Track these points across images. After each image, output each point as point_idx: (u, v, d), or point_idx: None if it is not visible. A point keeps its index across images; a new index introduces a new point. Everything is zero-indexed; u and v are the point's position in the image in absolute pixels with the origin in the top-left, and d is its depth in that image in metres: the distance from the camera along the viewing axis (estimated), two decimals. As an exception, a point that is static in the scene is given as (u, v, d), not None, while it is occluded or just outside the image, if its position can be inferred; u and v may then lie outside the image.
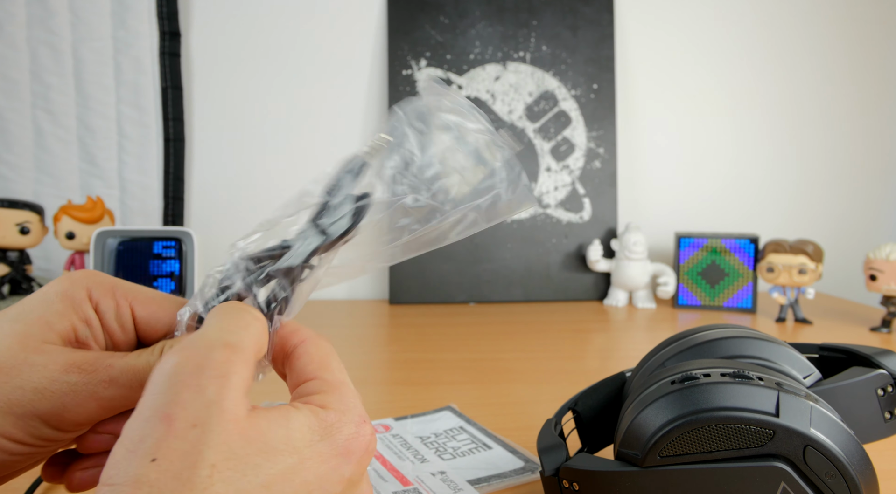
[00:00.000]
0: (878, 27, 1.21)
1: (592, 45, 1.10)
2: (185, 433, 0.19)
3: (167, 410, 0.19)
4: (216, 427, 0.19)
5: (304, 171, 1.11)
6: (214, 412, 0.19)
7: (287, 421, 0.21)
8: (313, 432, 0.22)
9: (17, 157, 0.98)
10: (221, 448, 0.19)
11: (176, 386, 0.19)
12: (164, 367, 0.20)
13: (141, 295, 0.27)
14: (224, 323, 0.23)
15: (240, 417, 0.20)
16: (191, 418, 0.19)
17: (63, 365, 0.24)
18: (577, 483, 0.32)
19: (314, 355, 0.26)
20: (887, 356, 0.33)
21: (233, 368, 0.21)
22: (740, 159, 1.20)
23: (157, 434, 0.19)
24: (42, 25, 0.97)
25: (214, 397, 0.19)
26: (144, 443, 0.18)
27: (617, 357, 0.77)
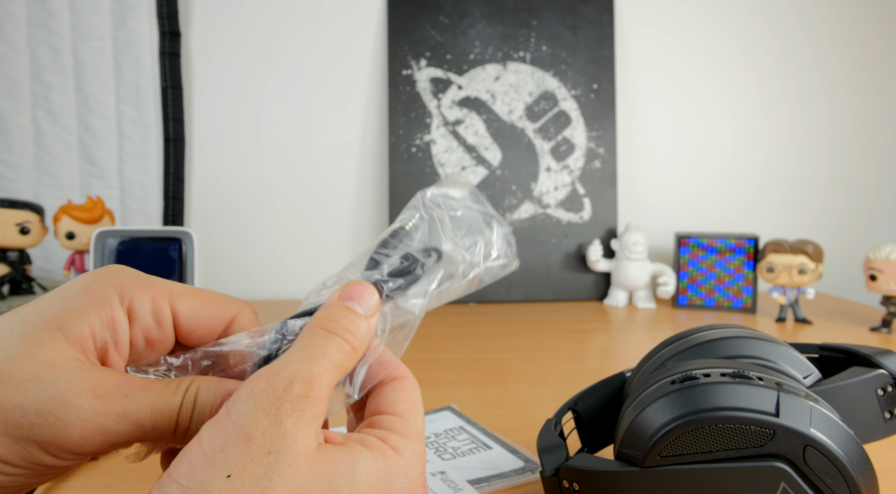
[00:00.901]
0: (878, 27, 1.21)
1: (592, 45, 1.10)
2: (260, 457, 0.19)
3: (247, 431, 0.20)
4: (288, 458, 0.20)
5: (303, 171, 1.11)
6: (289, 443, 0.20)
7: (354, 462, 0.21)
8: (378, 477, 0.22)
9: (17, 157, 0.98)
10: (290, 480, 0.20)
11: (258, 411, 0.20)
12: (251, 387, 0.21)
13: (179, 289, 0.26)
14: (307, 350, 0.23)
15: (310, 452, 0.20)
16: (267, 445, 0.20)
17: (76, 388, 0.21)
18: (577, 483, 0.32)
19: (409, 395, 0.26)
20: (887, 356, 0.33)
21: (308, 405, 0.21)
22: (740, 159, 1.20)
23: (237, 452, 0.19)
24: (42, 25, 0.97)
25: (290, 429, 0.20)
26: (223, 456, 0.19)
27: (617, 357, 0.76)
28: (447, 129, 1.07)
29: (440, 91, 1.07)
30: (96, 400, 0.22)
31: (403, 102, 1.06)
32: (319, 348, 0.23)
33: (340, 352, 0.23)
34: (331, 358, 0.23)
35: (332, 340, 0.23)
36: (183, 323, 0.26)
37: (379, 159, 1.12)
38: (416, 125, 1.06)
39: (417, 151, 1.06)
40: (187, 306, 0.26)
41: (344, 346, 0.24)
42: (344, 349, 0.23)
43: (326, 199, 1.12)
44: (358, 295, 0.25)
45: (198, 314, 0.26)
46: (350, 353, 0.24)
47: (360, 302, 0.25)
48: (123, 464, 0.45)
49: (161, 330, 0.25)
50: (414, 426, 0.24)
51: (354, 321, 0.24)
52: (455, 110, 1.07)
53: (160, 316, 0.25)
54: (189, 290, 0.26)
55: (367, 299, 0.25)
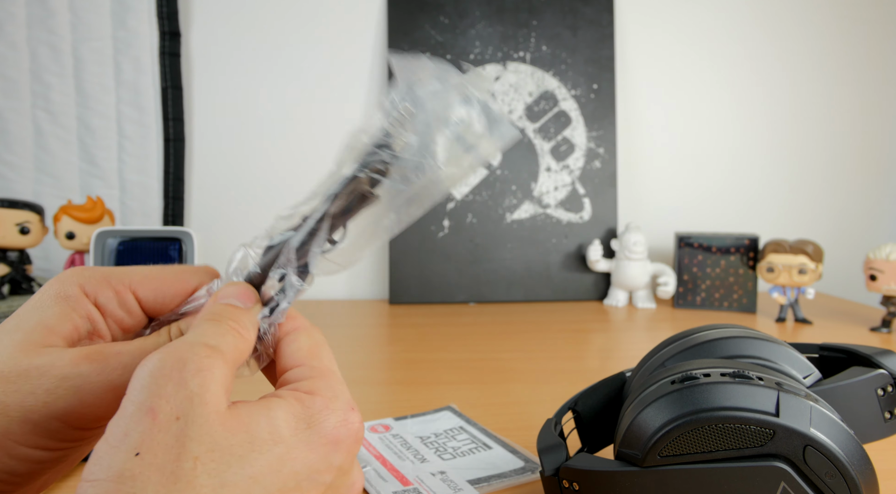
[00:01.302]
0: (877, 27, 1.21)
1: (592, 45, 1.10)
2: (168, 425, 0.19)
3: (151, 403, 0.19)
4: (199, 418, 0.19)
5: (303, 171, 1.11)
6: (197, 403, 0.19)
7: (269, 411, 0.21)
8: (299, 420, 0.21)
9: (17, 157, 0.98)
10: (204, 440, 0.19)
11: (158, 380, 0.19)
12: (147, 364, 0.20)
13: (138, 277, 0.27)
14: (203, 329, 0.23)
15: (222, 409, 0.20)
16: (174, 410, 0.19)
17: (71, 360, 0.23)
18: (577, 483, 0.32)
19: (304, 342, 0.25)
20: (887, 356, 0.33)
21: (214, 363, 0.21)
22: (740, 159, 1.20)
23: (142, 428, 0.18)
24: (42, 25, 0.97)
25: (197, 389, 0.19)
26: (128, 438, 0.18)
27: (617, 357, 0.76)
28: (447, 129, 1.07)
29: (440, 91, 1.07)
30: (94, 363, 0.23)
31: (403, 102, 1.06)
32: (212, 329, 0.23)
33: (230, 335, 0.23)
34: (224, 336, 0.23)
35: (221, 324, 0.23)
36: (149, 304, 0.27)
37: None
38: (416, 125, 1.06)
39: (417, 151, 1.06)
40: (149, 292, 0.27)
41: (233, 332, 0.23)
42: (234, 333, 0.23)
43: (326, 199, 1.11)
44: (232, 294, 0.25)
45: (161, 296, 0.27)
46: (240, 339, 0.23)
47: (237, 297, 0.25)
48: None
49: (132, 317, 0.26)
50: (318, 367, 0.24)
51: (236, 312, 0.24)
52: (455, 110, 1.07)
53: (127, 306, 0.26)
54: (148, 275, 0.27)
55: (240, 293, 0.25)
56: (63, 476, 0.42)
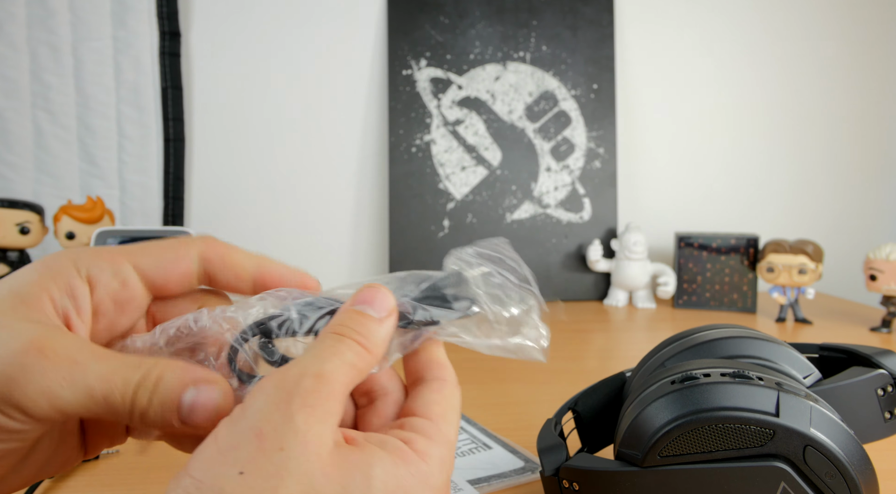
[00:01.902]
0: (878, 27, 1.21)
1: (592, 45, 1.10)
2: (272, 454, 0.19)
3: (259, 427, 0.20)
4: (300, 456, 0.19)
5: (303, 171, 1.11)
6: (300, 440, 0.20)
7: (369, 467, 0.21)
8: (397, 484, 0.21)
9: (17, 157, 0.98)
10: (302, 480, 0.19)
11: (268, 408, 0.20)
12: (262, 385, 0.21)
13: (136, 248, 0.25)
14: (317, 350, 0.22)
15: (323, 452, 0.20)
16: (279, 441, 0.19)
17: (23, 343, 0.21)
18: (577, 483, 0.32)
19: (445, 399, 0.25)
20: (887, 356, 0.33)
21: (319, 400, 0.21)
22: (740, 159, 1.20)
23: (249, 448, 0.19)
24: (42, 25, 0.97)
25: (301, 425, 0.20)
26: (235, 452, 0.19)
27: (617, 357, 0.76)
28: (447, 129, 1.07)
29: (440, 91, 1.07)
30: (42, 360, 0.21)
31: (403, 102, 1.06)
32: (329, 348, 0.22)
33: (352, 352, 0.23)
34: (342, 357, 0.22)
35: (342, 341, 0.23)
36: (150, 275, 0.25)
37: (379, 159, 1.12)
38: (416, 125, 1.06)
39: (417, 151, 1.06)
40: (149, 259, 0.25)
41: (355, 346, 0.23)
42: (355, 349, 0.23)
43: (326, 199, 1.12)
44: (370, 299, 0.25)
45: (163, 262, 0.25)
46: (362, 353, 0.23)
47: (373, 305, 0.24)
48: (123, 464, 0.45)
49: (128, 290, 0.25)
50: (445, 432, 0.24)
51: (366, 323, 0.24)
52: (455, 110, 1.07)
53: (123, 276, 0.25)
54: (145, 245, 0.26)
55: (379, 302, 0.25)
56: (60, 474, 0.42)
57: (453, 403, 0.25)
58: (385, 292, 0.25)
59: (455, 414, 0.25)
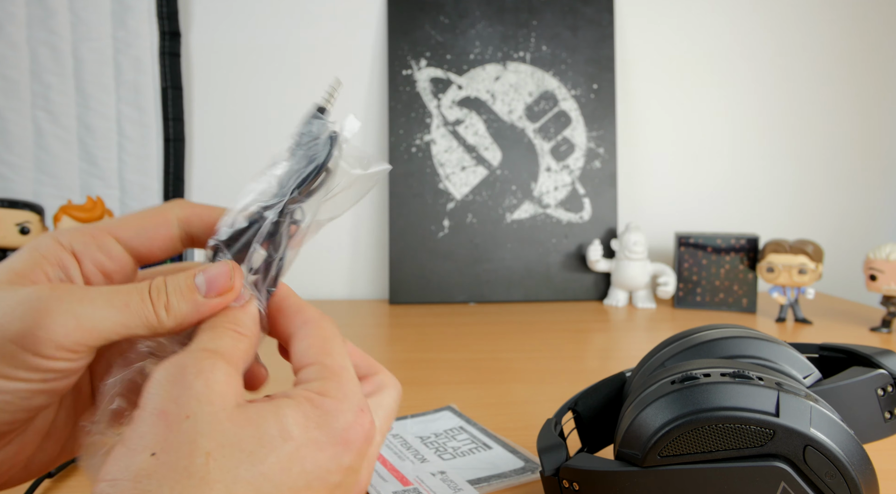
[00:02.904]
0: (878, 27, 1.21)
1: (592, 45, 1.10)
2: (179, 425, 0.19)
3: (162, 406, 0.20)
4: (207, 415, 0.20)
5: (304, 171, 1.11)
6: (204, 402, 0.20)
7: (278, 409, 0.21)
8: (308, 420, 0.22)
9: (17, 157, 0.98)
10: (214, 436, 0.19)
11: (165, 385, 0.20)
12: (155, 375, 0.21)
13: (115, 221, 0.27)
14: (200, 337, 0.23)
15: (229, 407, 0.20)
16: (183, 410, 0.20)
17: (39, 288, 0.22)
18: (577, 483, 0.32)
19: (316, 338, 0.25)
20: (887, 356, 0.33)
21: (214, 364, 0.21)
22: (740, 159, 1.20)
23: (156, 431, 0.19)
24: (42, 25, 0.97)
25: (202, 389, 0.20)
26: (144, 440, 0.19)
27: (617, 357, 0.77)
28: (447, 129, 1.07)
29: (440, 91, 1.07)
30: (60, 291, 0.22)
31: (403, 102, 1.06)
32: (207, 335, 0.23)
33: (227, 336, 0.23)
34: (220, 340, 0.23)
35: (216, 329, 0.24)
36: (134, 245, 0.26)
37: (379, 159, 1.11)
38: (416, 125, 1.06)
39: (417, 151, 1.06)
40: (129, 230, 0.26)
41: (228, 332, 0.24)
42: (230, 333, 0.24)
43: (326, 199, 1.12)
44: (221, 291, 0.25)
45: (142, 231, 0.26)
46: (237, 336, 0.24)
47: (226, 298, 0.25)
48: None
49: (114, 260, 0.26)
50: (331, 365, 0.24)
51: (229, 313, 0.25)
52: (455, 110, 1.07)
53: (106, 248, 0.26)
54: (124, 218, 0.27)
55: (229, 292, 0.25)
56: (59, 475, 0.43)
57: (325, 335, 0.25)
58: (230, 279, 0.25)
59: (332, 343, 0.25)
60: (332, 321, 0.26)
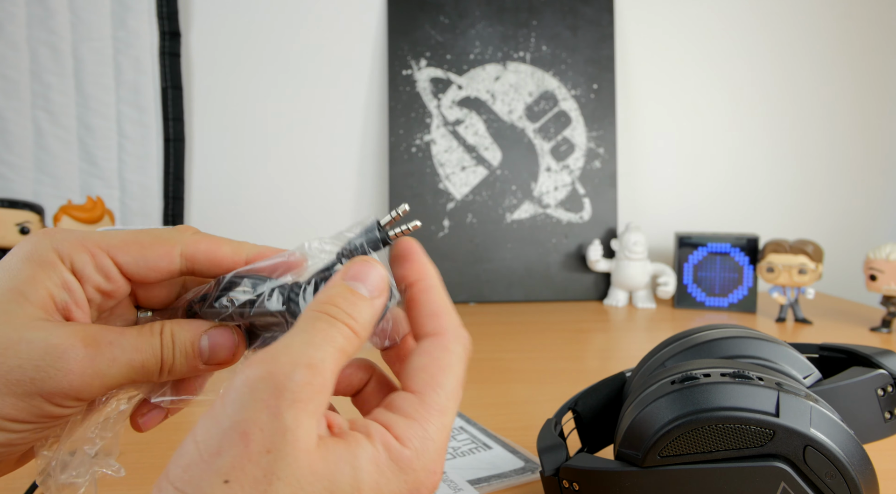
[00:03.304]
0: (877, 27, 1.21)
1: (592, 45, 1.10)
2: (259, 457, 0.18)
3: (245, 428, 0.19)
4: (289, 457, 0.19)
5: (303, 171, 1.11)
6: (289, 440, 0.19)
7: (355, 460, 0.20)
8: (381, 474, 0.21)
9: (17, 157, 0.98)
10: (291, 481, 0.19)
11: (255, 404, 0.19)
12: (247, 376, 0.20)
13: (116, 241, 0.25)
14: (307, 335, 0.21)
15: (311, 448, 0.19)
16: (266, 443, 0.19)
17: (65, 339, 0.22)
18: (577, 483, 0.32)
19: (435, 363, 0.23)
20: (887, 356, 0.33)
21: (311, 394, 0.20)
22: (740, 159, 1.20)
23: (234, 453, 0.18)
24: (42, 25, 0.97)
25: (290, 423, 0.19)
26: (220, 458, 0.18)
27: (617, 357, 0.76)
28: (447, 129, 1.07)
29: (440, 91, 1.07)
30: (89, 348, 0.23)
31: (403, 102, 1.06)
32: (321, 332, 0.21)
33: (343, 336, 0.22)
34: (333, 343, 0.21)
35: (334, 325, 0.22)
36: (130, 272, 0.25)
37: (379, 159, 1.12)
38: (416, 125, 1.06)
39: (417, 151, 1.06)
40: (128, 257, 0.25)
41: (345, 330, 0.22)
42: (346, 333, 0.22)
43: (327, 199, 1.12)
44: (363, 275, 0.23)
45: (142, 260, 0.25)
46: (353, 339, 0.22)
47: (365, 282, 0.23)
48: (123, 464, 0.44)
49: (111, 282, 0.25)
50: (430, 404, 0.22)
51: (357, 304, 0.23)
52: (455, 110, 1.07)
53: (105, 270, 0.25)
54: (125, 240, 0.25)
55: (372, 279, 0.23)
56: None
57: (444, 362, 0.23)
58: (379, 268, 0.24)
59: (446, 375, 0.23)
60: (463, 343, 0.24)
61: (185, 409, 0.29)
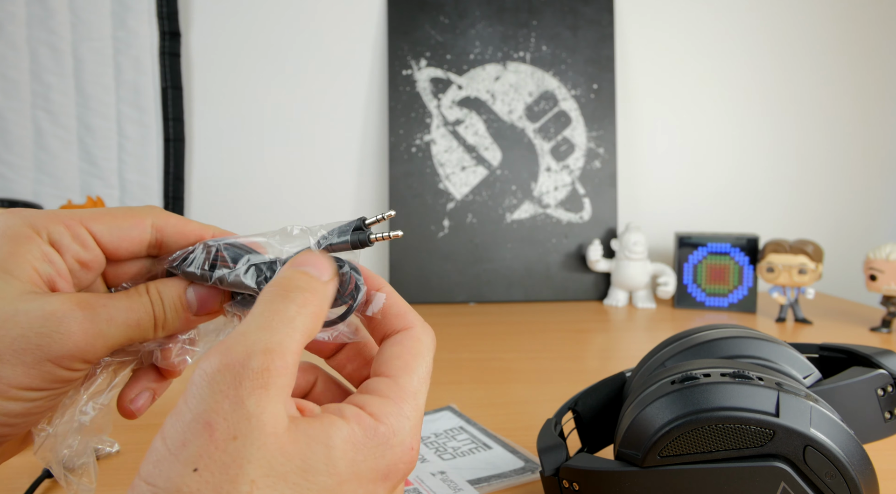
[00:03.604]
0: (877, 27, 1.21)
1: (592, 45, 1.10)
2: (225, 445, 0.19)
3: (208, 418, 0.19)
4: (256, 441, 0.19)
5: (303, 171, 1.11)
6: (254, 425, 0.19)
7: (328, 437, 0.20)
8: (356, 451, 0.21)
9: (17, 157, 0.98)
10: (261, 464, 0.19)
11: (216, 395, 0.19)
12: (204, 370, 0.20)
13: (88, 214, 0.26)
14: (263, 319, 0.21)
15: (280, 431, 0.19)
16: (231, 430, 0.19)
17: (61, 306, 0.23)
18: (577, 483, 0.32)
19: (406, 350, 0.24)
20: (887, 356, 0.33)
21: (272, 378, 0.20)
22: (740, 159, 1.20)
23: (199, 442, 0.19)
24: (42, 25, 0.97)
25: (254, 409, 0.19)
26: (186, 449, 0.19)
27: (617, 357, 0.77)
28: (447, 129, 1.07)
29: (440, 91, 1.07)
30: (85, 311, 0.24)
31: (403, 102, 1.06)
32: (277, 313, 0.21)
33: (301, 316, 0.22)
34: (291, 322, 0.21)
35: (292, 303, 0.22)
36: (104, 241, 0.26)
37: (379, 159, 1.12)
38: (416, 125, 1.06)
39: (417, 151, 1.06)
40: (102, 226, 0.26)
41: (305, 309, 0.22)
42: (305, 311, 0.22)
43: (327, 199, 1.12)
44: (311, 262, 0.24)
45: (116, 229, 0.26)
46: (314, 315, 0.22)
47: (315, 267, 0.24)
48: (123, 464, 0.45)
49: (88, 251, 0.26)
50: (404, 385, 0.23)
51: (312, 283, 0.23)
52: (455, 110, 1.07)
53: (82, 239, 0.25)
54: (98, 212, 0.26)
55: (321, 264, 0.24)
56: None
57: (416, 350, 0.24)
58: (326, 257, 0.25)
59: (419, 362, 0.24)
60: (431, 335, 0.25)
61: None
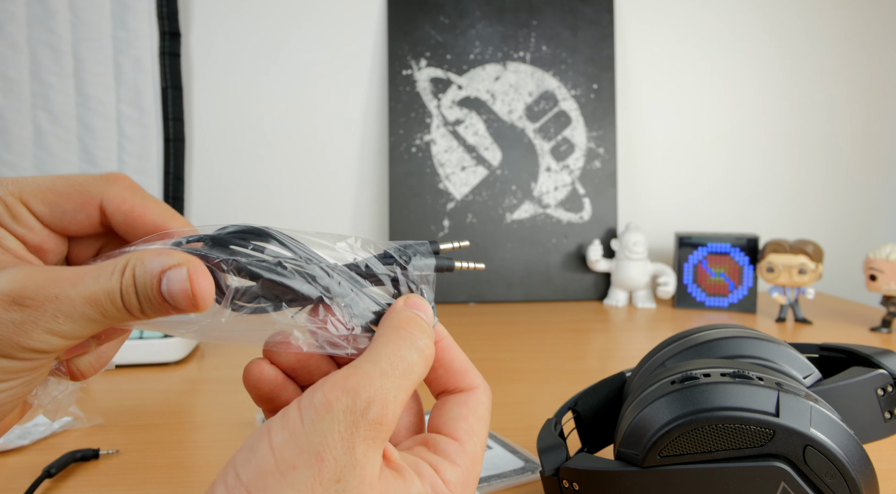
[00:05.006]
0: (878, 27, 1.21)
1: (592, 45, 1.10)
2: (329, 484, 0.20)
3: (320, 452, 0.20)
4: (355, 489, 0.20)
5: (303, 171, 1.11)
6: (358, 473, 0.20)
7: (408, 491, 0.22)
8: None
9: (17, 157, 0.98)
10: None
11: (333, 434, 0.20)
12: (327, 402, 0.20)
13: (30, 187, 0.23)
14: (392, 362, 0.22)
15: (374, 481, 0.21)
16: (338, 472, 0.20)
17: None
18: (577, 483, 0.32)
19: (472, 413, 0.25)
20: (887, 356, 0.33)
21: (382, 432, 0.21)
22: (740, 159, 1.20)
23: (308, 474, 0.19)
24: (42, 25, 0.97)
25: (360, 458, 0.20)
26: (295, 474, 0.19)
27: (617, 357, 0.76)
28: (447, 129, 1.07)
29: (440, 91, 1.07)
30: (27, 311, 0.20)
31: (403, 102, 1.06)
32: (403, 360, 0.23)
33: (419, 365, 0.23)
34: (411, 373, 0.23)
35: (417, 350, 0.23)
36: (50, 223, 0.23)
37: (379, 159, 1.12)
38: (416, 125, 1.06)
39: (417, 151, 1.06)
40: (43, 207, 0.23)
41: (423, 362, 0.23)
42: (423, 361, 0.23)
43: (327, 199, 1.12)
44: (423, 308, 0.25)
45: (58, 211, 0.23)
46: (423, 372, 0.24)
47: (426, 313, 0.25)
48: (123, 464, 0.45)
49: (34, 233, 0.23)
50: (470, 451, 0.24)
51: (428, 333, 0.24)
52: (455, 110, 1.07)
53: (23, 220, 0.23)
54: (41, 186, 0.23)
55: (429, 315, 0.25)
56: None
57: (480, 414, 0.25)
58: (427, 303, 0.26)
59: (481, 425, 0.25)
60: (490, 396, 0.26)
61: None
